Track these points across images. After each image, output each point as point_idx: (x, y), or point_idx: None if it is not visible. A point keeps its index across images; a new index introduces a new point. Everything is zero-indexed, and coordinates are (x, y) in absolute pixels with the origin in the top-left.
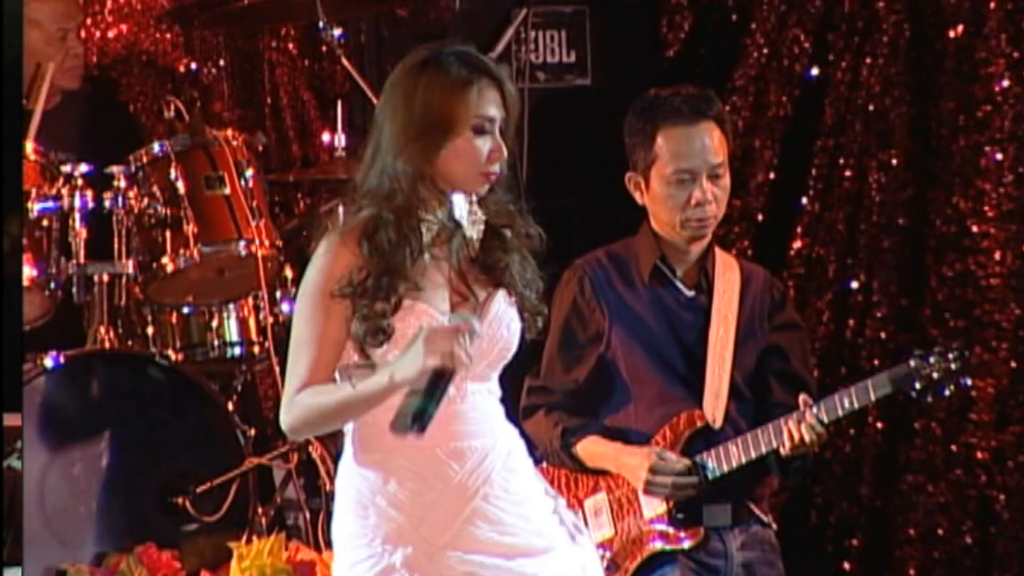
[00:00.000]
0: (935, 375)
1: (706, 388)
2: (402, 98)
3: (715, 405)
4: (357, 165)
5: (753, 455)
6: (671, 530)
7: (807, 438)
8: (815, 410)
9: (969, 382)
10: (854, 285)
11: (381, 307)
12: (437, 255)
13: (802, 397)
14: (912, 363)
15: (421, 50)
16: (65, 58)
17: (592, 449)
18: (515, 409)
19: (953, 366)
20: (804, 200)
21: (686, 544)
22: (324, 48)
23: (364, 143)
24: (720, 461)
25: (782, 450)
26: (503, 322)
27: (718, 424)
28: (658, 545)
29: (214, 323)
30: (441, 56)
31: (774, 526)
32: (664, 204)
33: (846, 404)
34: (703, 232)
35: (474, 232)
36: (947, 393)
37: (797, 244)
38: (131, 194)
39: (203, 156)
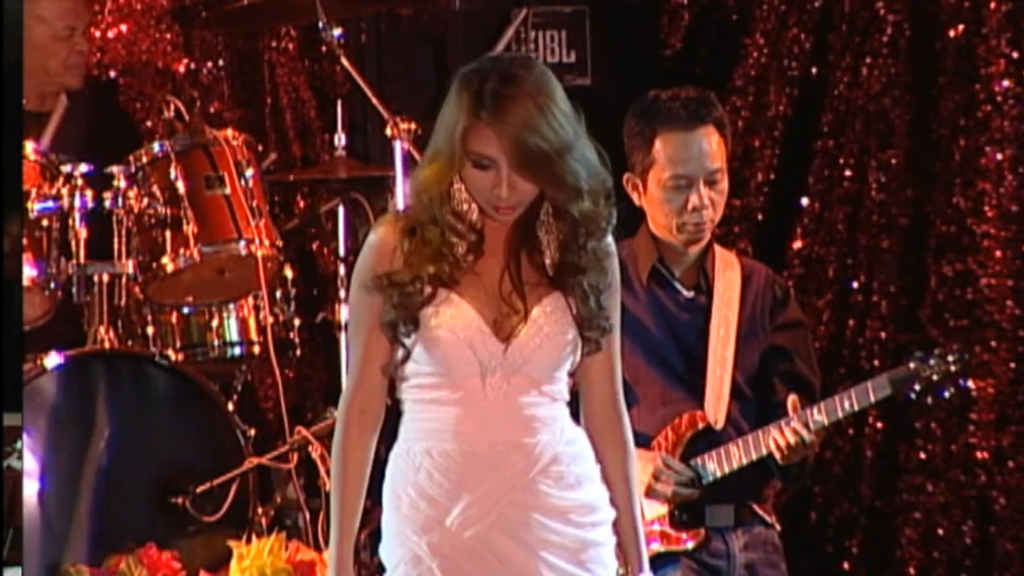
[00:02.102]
0: (935, 377)
1: (707, 389)
2: (440, 114)
3: (716, 406)
4: (357, 165)
5: (754, 456)
6: (672, 531)
7: (793, 442)
8: (814, 412)
9: (969, 384)
10: (854, 285)
11: (412, 297)
12: (494, 250)
13: (791, 399)
14: (912, 365)
15: (475, 60)
16: (70, 55)
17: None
18: None
19: (953, 368)
20: (804, 200)
21: (687, 545)
22: (324, 48)
23: (364, 142)
24: (721, 463)
25: (776, 456)
26: (547, 328)
27: (720, 425)
28: (657, 547)
29: (214, 323)
30: (468, 75)
31: (778, 527)
32: (661, 208)
33: (846, 406)
34: (699, 236)
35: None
36: (947, 395)
37: (797, 244)
38: (131, 194)
39: (203, 156)
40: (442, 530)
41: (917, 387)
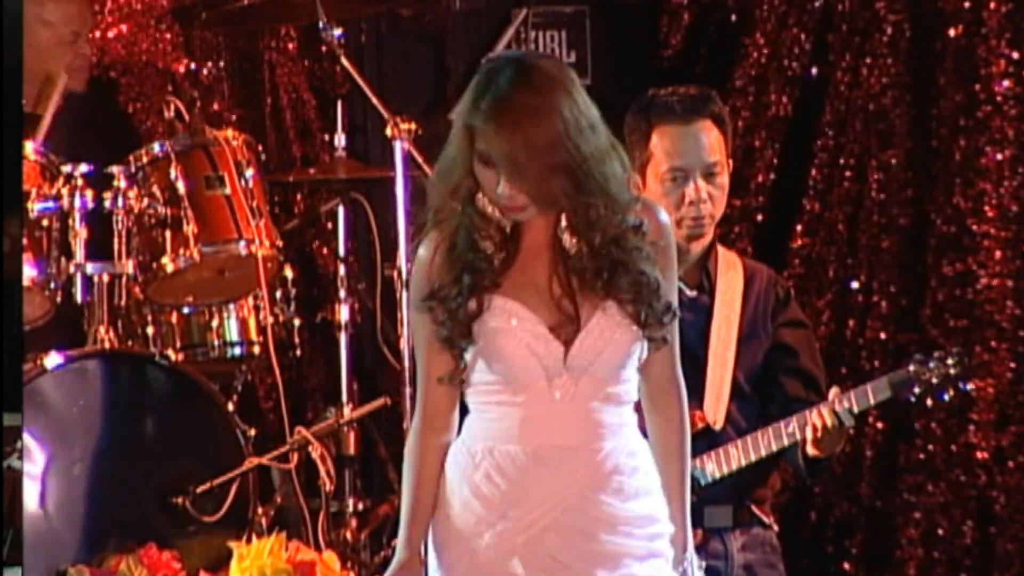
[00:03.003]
0: (934, 380)
1: (707, 389)
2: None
3: (716, 406)
4: (357, 165)
5: (752, 458)
6: None
7: (830, 423)
8: (813, 414)
9: (969, 387)
10: (854, 285)
11: (462, 309)
12: (539, 252)
13: (833, 390)
14: (911, 368)
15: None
16: (74, 59)
17: None
18: None
19: (952, 371)
20: (804, 200)
21: None
22: (324, 48)
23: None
24: (720, 463)
25: (810, 449)
26: (607, 332)
27: (719, 425)
28: None
29: (214, 323)
30: (485, 69)
31: (776, 528)
32: (659, 202)
33: (845, 408)
34: (700, 231)
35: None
36: (946, 398)
37: (797, 244)
38: (131, 194)
39: (203, 156)
40: (494, 533)
41: (916, 390)
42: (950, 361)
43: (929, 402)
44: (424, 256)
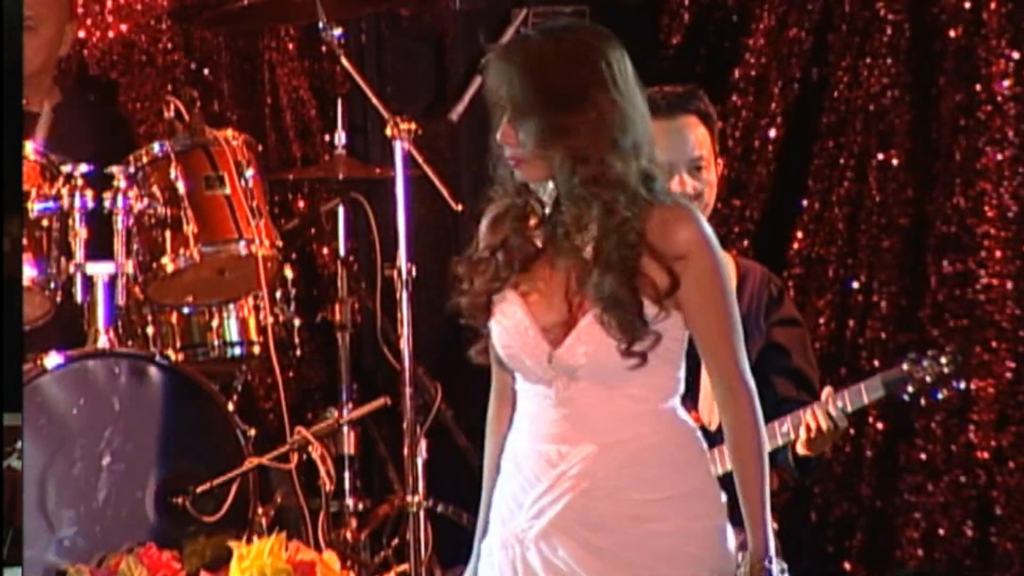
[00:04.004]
0: (928, 379)
1: (701, 389)
2: None
3: (710, 406)
4: (357, 165)
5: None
6: None
7: (824, 426)
8: (807, 413)
9: (963, 385)
10: (854, 285)
11: (480, 287)
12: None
13: (827, 389)
14: (905, 366)
15: None
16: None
17: None
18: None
19: (946, 370)
20: (804, 200)
21: None
22: (324, 48)
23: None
24: (715, 465)
25: (800, 449)
26: (590, 338)
27: (713, 426)
28: None
29: (214, 323)
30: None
31: (774, 526)
32: None
33: (839, 407)
34: None
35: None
36: (940, 397)
37: (797, 244)
38: (131, 194)
39: (203, 156)
40: (513, 524)
41: (910, 388)
42: (944, 360)
43: (923, 401)
44: (482, 224)
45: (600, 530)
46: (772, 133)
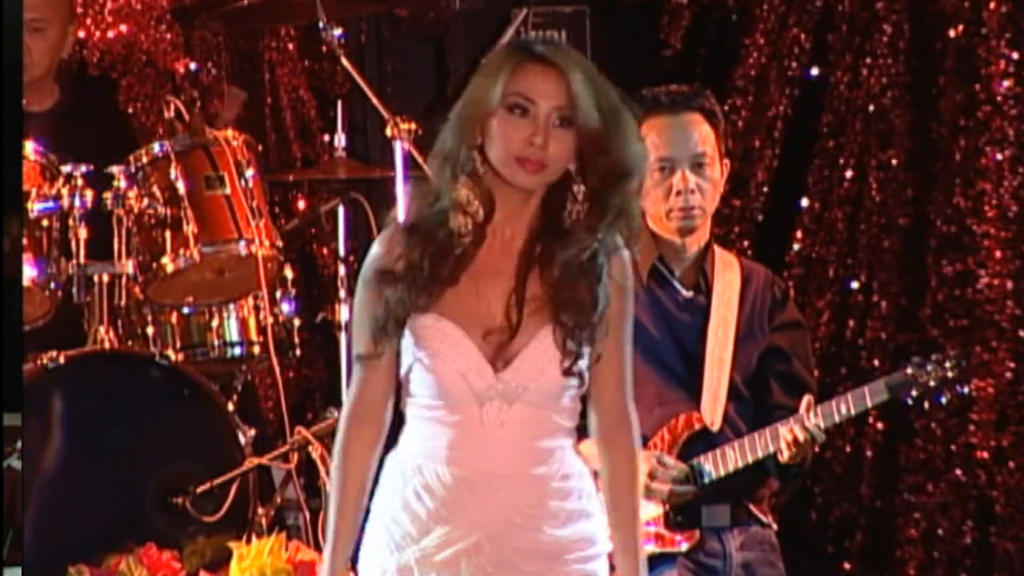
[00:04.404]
0: (932, 383)
1: (704, 390)
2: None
3: (713, 407)
4: (357, 165)
5: (750, 459)
6: (666, 533)
7: (801, 438)
8: (811, 416)
9: (966, 390)
10: (854, 285)
11: (404, 300)
12: (497, 265)
13: (806, 399)
14: (909, 371)
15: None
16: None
17: (590, 451)
18: None
19: (950, 374)
20: (804, 200)
21: (682, 547)
22: (324, 48)
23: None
24: (717, 465)
25: (779, 456)
26: (536, 363)
27: (716, 426)
28: (652, 548)
29: (214, 323)
30: (511, 44)
31: (774, 526)
32: (649, 195)
33: (843, 410)
34: (691, 224)
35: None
36: (943, 401)
37: (797, 244)
38: (131, 194)
39: (203, 156)
40: (416, 549)
41: (914, 392)
42: (947, 364)
43: (926, 404)
44: (385, 237)
45: (512, 570)
46: (772, 133)
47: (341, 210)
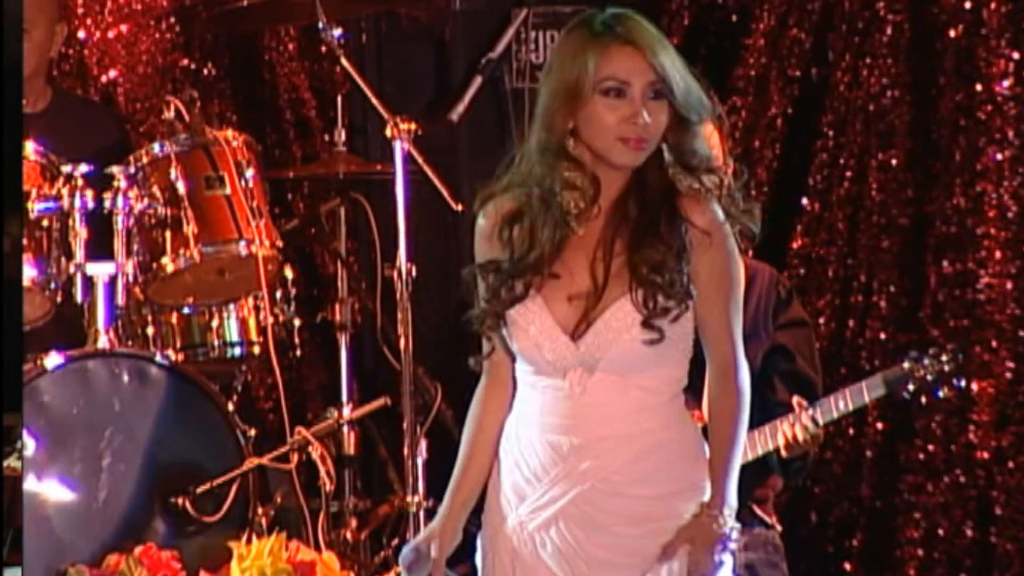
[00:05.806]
0: (928, 377)
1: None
2: (547, 67)
3: None
4: (357, 164)
5: (750, 456)
6: None
7: (801, 438)
8: (811, 412)
9: (964, 384)
10: (854, 285)
11: (505, 296)
12: (582, 240)
13: (795, 399)
14: (906, 365)
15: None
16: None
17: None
18: None
19: (947, 368)
20: (804, 200)
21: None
22: (324, 48)
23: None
24: None
25: (781, 451)
26: (611, 332)
27: None
28: None
29: (214, 323)
30: (587, 17)
31: (778, 528)
32: None
33: (841, 406)
34: None
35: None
36: (941, 395)
37: (797, 244)
38: (131, 194)
39: (203, 156)
40: (514, 516)
41: (911, 387)
42: (945, 358)
43: (924, 399)
44: (483, 225)
45: (602, 533)
46: (772, 133)
47: (341, 210)
